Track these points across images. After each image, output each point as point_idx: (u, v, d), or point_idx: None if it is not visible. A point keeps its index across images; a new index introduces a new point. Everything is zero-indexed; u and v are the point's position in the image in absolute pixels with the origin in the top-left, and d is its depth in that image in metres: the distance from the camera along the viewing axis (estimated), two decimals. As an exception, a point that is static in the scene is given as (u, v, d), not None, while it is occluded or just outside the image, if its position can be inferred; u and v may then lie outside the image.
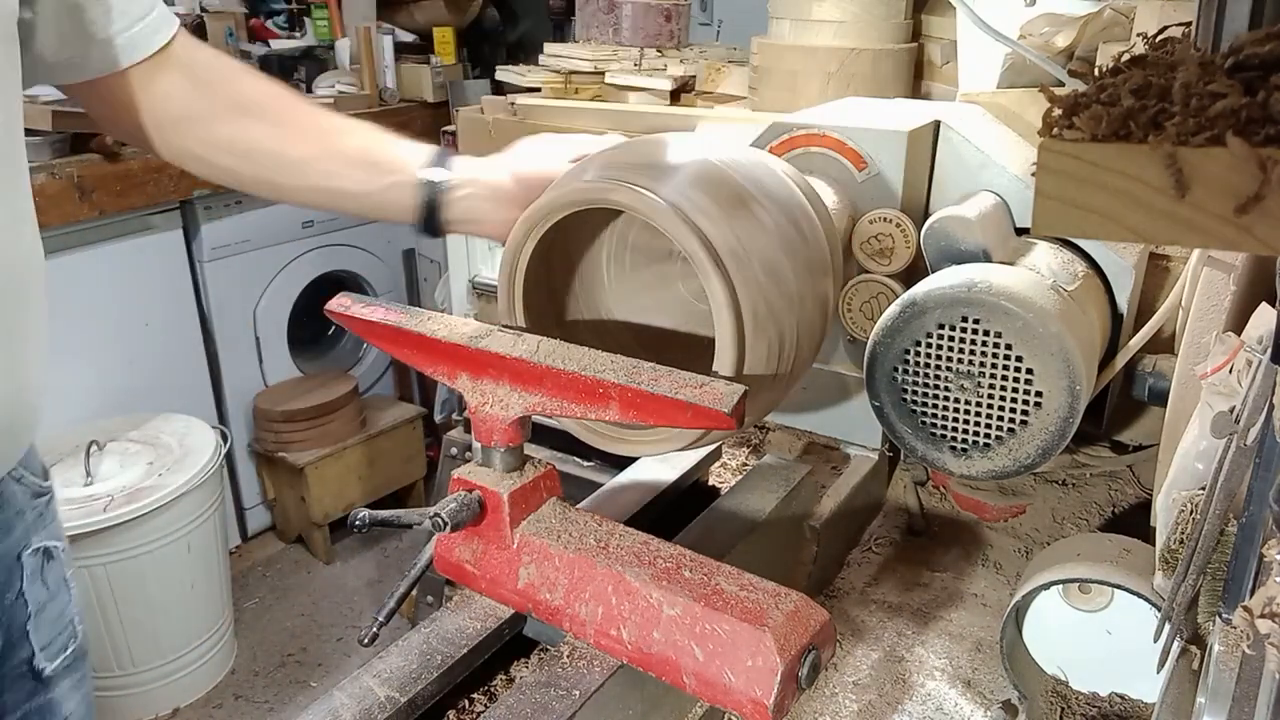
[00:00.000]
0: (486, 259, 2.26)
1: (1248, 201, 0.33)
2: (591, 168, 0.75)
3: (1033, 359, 0.81)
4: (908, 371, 0.87)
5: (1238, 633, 0.58)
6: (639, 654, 0.68)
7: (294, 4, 3.40)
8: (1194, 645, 0.74)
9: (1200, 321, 0.86)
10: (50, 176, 2.20)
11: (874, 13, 1.52)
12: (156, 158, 0.88)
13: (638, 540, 0.72)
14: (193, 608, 2.37)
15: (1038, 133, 0.39)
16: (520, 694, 0.72)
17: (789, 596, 0.65)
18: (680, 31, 2.16)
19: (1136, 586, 0.83)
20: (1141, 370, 1.01)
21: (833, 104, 1.19)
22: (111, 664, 2.29)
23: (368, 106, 2.96)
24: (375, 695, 0.73)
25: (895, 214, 0.99)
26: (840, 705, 0.91)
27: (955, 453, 0.87)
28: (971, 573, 1.11)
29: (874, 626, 1.01)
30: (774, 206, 0.75)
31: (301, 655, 2.61)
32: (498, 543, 0.74)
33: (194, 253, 2.67)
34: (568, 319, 0.86)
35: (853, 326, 1.05)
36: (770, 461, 1.11)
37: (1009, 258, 0.94)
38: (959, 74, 1.34)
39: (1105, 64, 0.44)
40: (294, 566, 2.95)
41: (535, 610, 0.73)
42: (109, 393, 2.48)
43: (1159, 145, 0.35)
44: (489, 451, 0.73)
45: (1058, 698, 0.89)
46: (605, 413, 0.67)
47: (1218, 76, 0.36)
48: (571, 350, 0.69)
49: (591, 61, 2.04)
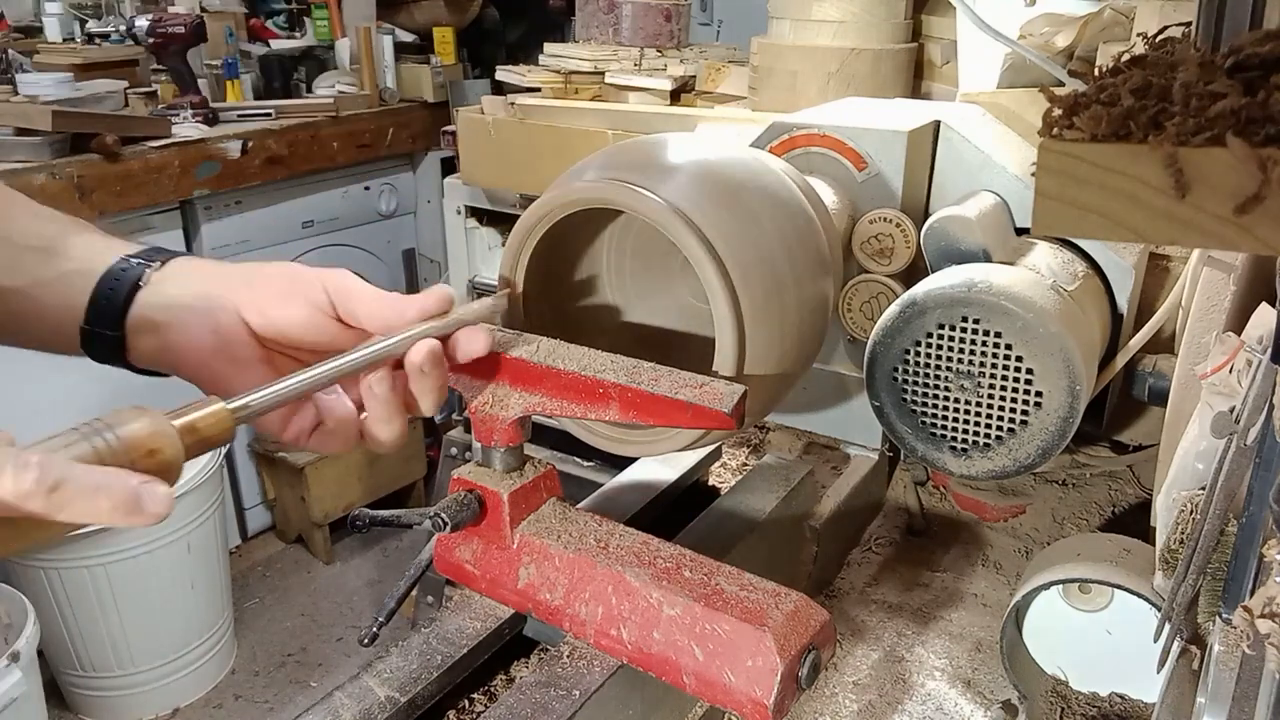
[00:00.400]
0: (486, 259, 2.26)
1: (1248, 201, 0.33)
2: (591, 168, 0.75)
3: (1033, 359, 0.81)
4: (908, 371, 0.86)
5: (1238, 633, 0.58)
6: (639, 654, 0.68)
7: (294, 4, 3.40)
8: (1194, 645, 0.74)
9: (1200, 321, 0.86)
10: (50, 176, 2.20)
11: (874, 13, 1.52)
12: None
13: (638, 540, 0.72)
14: (193, 608, 2.37)
15: (1038, 133, 0.39)
16: (520, 694, 0.72)
17: (789, 596, 0.65)
18: (680, 31, 2.16)
19: (1136, 586, 0.83)
20: (1141, 370, 1.01)
21: (833, 104, 1.19)
22: (111, 664, 2.29)
23: (368, 106, 2.97)
24: (375, 695, 0.73)
25: (895, 214, 0.99)
26: (840, 705, 0.91)
27: (955, 453, 0.87)
28: (971, 573, 1.11)
29: (874, 626, 1.01)
30: (774, 206, 0.75)
31: (301, 655, 2.61)
32: (498, 543, 0.74)
33: (194, 253, 2.67)
34: (568, 319, 0.86)
35: (853, 326, 1.05)
36: (770, 461, 1.11)
37: (1009, 258, 0.94)
38: (959, 74, 1.34)
39: (1105, 64, 0.44)
40: (294, 566, 2.95)
41: (535, 610, 0.73)
42: (109, 393, 2.48)
43: (1159, 145, 0.35)
44: (489, 451, 0.73)
45: (1058, 698, 0.89)
46: (605, 413, 0.67)
47: (1218, 76, 0.36)
48: (571, 350, 0.69)
49: (591, 61, 2.04)
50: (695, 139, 0.84)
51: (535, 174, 1.92)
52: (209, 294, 0.64)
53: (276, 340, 0.65)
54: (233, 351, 0.64)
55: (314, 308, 0.65)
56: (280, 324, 0.65)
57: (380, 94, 3.01)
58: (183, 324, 0.63)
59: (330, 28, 3.22)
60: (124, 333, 0.64)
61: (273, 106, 2.80)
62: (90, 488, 0.44)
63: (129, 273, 0.64)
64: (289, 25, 3.41)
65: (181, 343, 0.63)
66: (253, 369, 0.64)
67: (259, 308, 0.64)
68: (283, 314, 0.64)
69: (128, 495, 0.45)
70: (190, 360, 0.64)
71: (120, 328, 0.64)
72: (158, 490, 0.46)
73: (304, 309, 0.65)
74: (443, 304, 0.66)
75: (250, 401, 0.55)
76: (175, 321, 0.64)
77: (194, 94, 2.64)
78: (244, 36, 3.14)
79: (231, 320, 0.64)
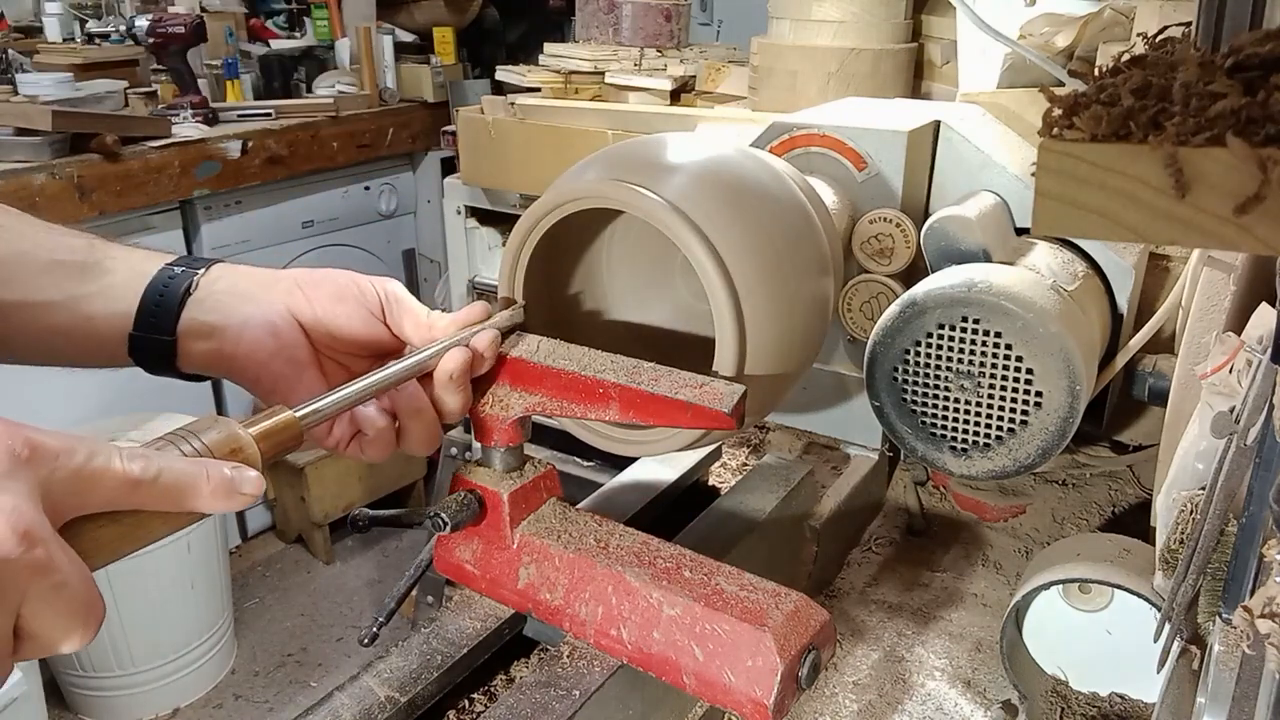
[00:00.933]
0: (486, 259, 2.26)
1: (1248, 201, 0.33)
2: (591, 168, 0.75)
3: (1033, 359, 0.81)
4: (908, 371, 0.86)
5: (1238, 633, 0.58)
6: (639, 654, 0.68)
7: (294, 4, 3.40)
8: (1194, 645, 0.74)
9: (1200, 321, 0.86)
10: (50, 176, 2.20)
11: (874, 13, 1.52)
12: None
13: (638, 540, 0.72)
14: (193, 608, 2.37)
15: (1038, 133, 0.39)
16: (520, 694, 0.72)
17: (789, 596, 0.65)
18: (680, 31, 2.16)
19: (1136, 586, 0.83)
20: (1141, 370, 1.01)
21: (833, 104, 1.19)
22: (111, 664, 2.29)
23: (368, 106, 2.97)
24: (375, 695, 0.73)
25: (895, 214, 0.99)
26: (840, 705, 0.91)
27: (955, 453, 0.87)
28: (971, 573, 1.11)
29: (874, 626, 1.01)
30: (774, 206, 0.75)
31: (301, 655, 2.61)
32: (498, 543, 0.74)
33: (194, 252, 2.67)
34: (568, 319, 0.86)
35: (853, 326, 1.05)
36: (770, 461, 1.11)
37: (1009, 258, 0.94)
38: (959, 74, 1.34)
39: (1105, 64, 0.44)
40: (294, 566, 2.95)
41: (535, 610, 0.73)
42: (109, 393, 2.48)
43: (1159, 145, 0.35)
44: (489, 451, 0.73)
45: (1058, 698, 0.90)
46: (605, 413, 0.67)
47: (1218, 76, 0.36)
48: (571, 350, 0.69)
49: (591, 61, 2.04)
50: (695, 139, 0.84)
51: (535, 174, 1.92)
52: (263, 297, 0.66)
53: (327, 342, 0.67)
54: (291, 353, 0.65)
55: (367, 310, 0.67)
56: (334, 325, 0.66)
57: (380, 94, 3.01)
58: (240, 327, 0.64)
59: (330, 28, 3.22)
60: (175, 338, 0.65)
61: (273, 106, 2.80)
62: (190, 475, 0.46)
63: (177, 279, 0.65)
64: (289, 25, 3.41)
65: (240, 345, 0.64)
66: (310, 370, 0.65)
67: (314, 309, 0.66)
68: (338, 315, 0.66)
69: (224, 479, 0.47)
70: (249, 363, 0.64)
71: (173, 334, 0.65)
72: (249, 474, 0.49)
73: (359, 310, 0.67)
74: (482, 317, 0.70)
75: (320, 407, 0.57)
76: (232, 325, 0.64)
77: (194, 94, 2.64)
78: (244, 36, 3.14)
79: (287, 323, 0.65)
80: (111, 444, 0.45)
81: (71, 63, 2.82)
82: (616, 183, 0.71)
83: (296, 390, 0.59)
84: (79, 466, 0.43)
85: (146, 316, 0.65)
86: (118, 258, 0.66)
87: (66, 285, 0.64)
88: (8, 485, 0.40)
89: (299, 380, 0.64)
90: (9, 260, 0.63)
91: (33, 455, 0.41)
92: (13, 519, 0.39)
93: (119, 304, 0.65)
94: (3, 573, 0.38)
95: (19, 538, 0.39)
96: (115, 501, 0.44)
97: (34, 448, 0.41)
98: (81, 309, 0.64)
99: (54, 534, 0.41)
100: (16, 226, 0.65)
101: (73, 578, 0.41)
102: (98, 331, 0.65)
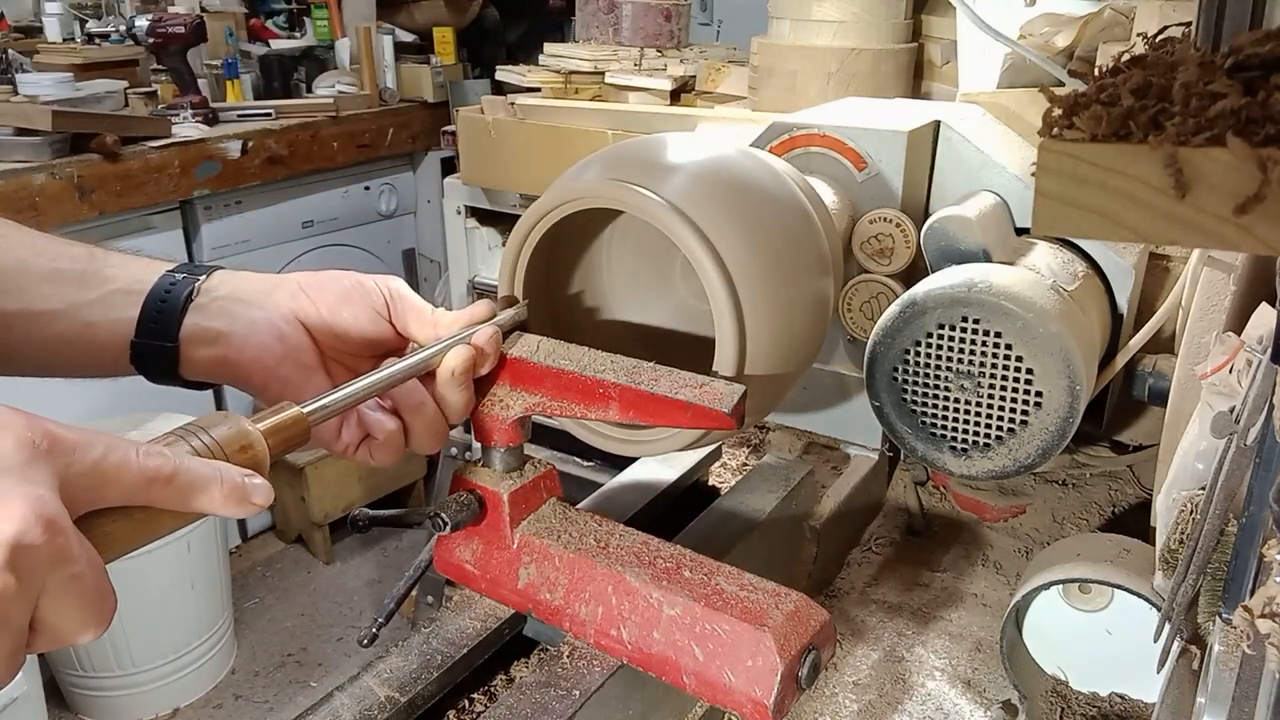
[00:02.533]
0: (486, 259, 2.26)
1: (1248, 201, 0.33)
2: (592, 168, 0.75)
3: (1033, 359, 0.81)
4: (908, 371, 0.86)
5: (1238, 633, 0.58)
6: (639, 654, 0.68)
7: (294, 4, 3.40)
8: (1194, 645, 0.74)
9: (1200, 321, 0.86)
10: (50, 176, 2.20)
11: (874, 13, 1.52)
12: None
13: (638, 540, 0.72)
14: (193, 608, 2.36)
15: (1038, 133, 0.39)
16: (520, 694, 0.72)
17: (789, 596, 0.65)
18: (680, 31, 2.16)
19: (1136, 586, 0.83)
20: (1141, 370, 1.01)
21: (833, 104, 1.19)
22: (111, 664, 2.29)
23: (368, 106, 2.97)
24: (375, 695, 0.73)
25: (895, 214, 0.99)
26: (840, 705, 0.91)
27: (955, 453, 0.87)
28: (971, 573, 1.11)
29: (874, 626, 1.01)
30: (774, 206, 0.75)
31: (301, 655, 2.61)
32: (498, 543, 0.74)
33: (194, 253, 2.67)
34: (568, 319, 0.86)
35: (853, 326, 1.05)
36: (770, 461, 1.11)
37: (1009, 258, 0.94)
38: (959, 74, 1.34)
39: (1105, 64, 0.44)
40: (294, 566, 2.95)
41: (535, 610, 0.73)
42: (109, 393, 2.48)
43: (1159, 145, 0.35)
44: (489, 451, 0.73)
45: (1058, 698, 0.89)
46: (605, 413, 0.67)
47: (1218, 76, 0.36)
48: (571, 350, 0.69)
49: (591, 61, 2.04)
50: (695, 139, 0.84)
51: (535, 174, 1.92)
52: (267, 302, 0.66)
53: (333, 344, 0.67)
54: (298, 357, 0.65)
55: (373, 310, 0.67)
56: (340, 326, 0.66)
57: (380, 94, 3.01)
58: (245, 332, 0.64)
59: (330, 28, 3.22)
60: (177, 345, 0.64)
61: (273, 106, 2.80)
62: (205, 477, 0.46)
63: (179, 285, 0.65)
64: (289, 25, 3.41)
65: (246, 351, 0.64)
66: (318, 374, 0.65)
67: (320, 312, 0.66)
68: (344, 316, 0.66)
69: (237, 485, 0.48)
70: (256, 368, 0.64)
71: (175, 340, 0.64)
72: (258, 482, 0.49)
73: (365, 310, 0.67)
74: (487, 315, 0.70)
75: (327, 403, 0.57)
76: (237, 330, 0.64)
77: (194, 94, 2.64)
78: (244, 36, 3.14)
79: (293, 326, 0.65)
80: (128, 440, 0.45)
81: (71, 63, 2.82)
82: (616, 183, 0.71)
83: (304, 394, 0.59)
84: (96, 461, 0.43)
85: (148, 324, 0.64)
86: (118, 265, 0.66)
87: (67, 294, 0.64)
88: (30, 475, 0.40)
89: (306, 383, 0.64)
90: (9, 269, 0.63)
91: (52, 447, 0.41)
92: (37, 506, 0.39)
93: (120, 311, 0.65)
94: (27, 559, 0.38)
95: (43, 526, 0.39)
96: (130, 497, 0.44)
97: (53, 440, 0.41)
98: (82, 317, 0.64)
99: (73, 526, 0.41)
100: (15, 236, 0.65)
101: (89, 570, 0.41)
102: (99, 339, 0.65)
